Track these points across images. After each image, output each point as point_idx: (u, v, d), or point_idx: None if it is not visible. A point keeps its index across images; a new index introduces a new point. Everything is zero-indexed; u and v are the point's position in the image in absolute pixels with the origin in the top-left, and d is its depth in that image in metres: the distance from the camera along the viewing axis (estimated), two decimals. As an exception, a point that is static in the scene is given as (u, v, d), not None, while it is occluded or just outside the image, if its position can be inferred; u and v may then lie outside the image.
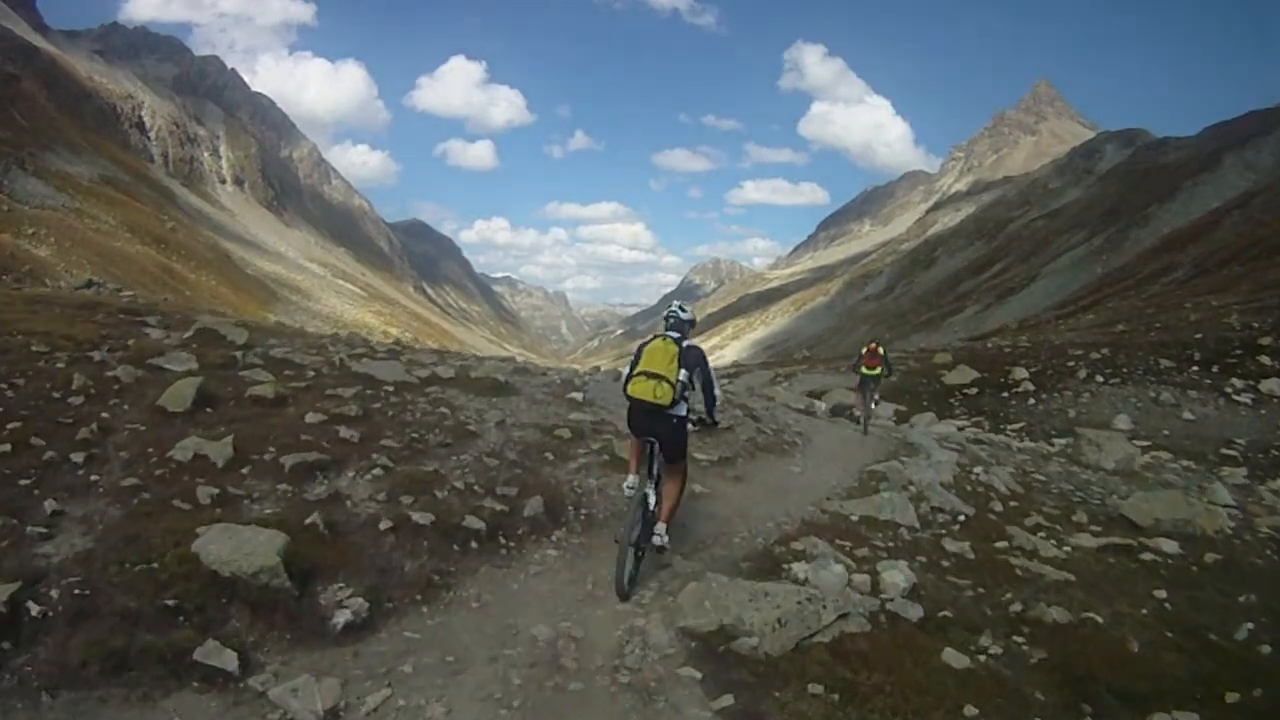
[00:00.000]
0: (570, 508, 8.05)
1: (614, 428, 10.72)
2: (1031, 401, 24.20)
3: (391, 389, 10.56)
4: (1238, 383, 22.44)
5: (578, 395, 12.35)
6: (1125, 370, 25.02)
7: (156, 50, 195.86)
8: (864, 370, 18.01)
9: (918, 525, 8.83)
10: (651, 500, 6.88)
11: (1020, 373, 26.35)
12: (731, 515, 8.78)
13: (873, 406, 18.22)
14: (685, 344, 6.88)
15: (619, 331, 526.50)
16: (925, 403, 25.56)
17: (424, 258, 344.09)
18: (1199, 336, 27.39)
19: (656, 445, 6.94)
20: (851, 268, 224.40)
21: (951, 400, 25.67)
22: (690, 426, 7.11)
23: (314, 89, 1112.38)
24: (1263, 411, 20.86)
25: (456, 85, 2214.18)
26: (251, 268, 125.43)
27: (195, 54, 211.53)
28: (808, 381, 29.94)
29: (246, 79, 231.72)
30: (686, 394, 6.88)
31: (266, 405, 9.07)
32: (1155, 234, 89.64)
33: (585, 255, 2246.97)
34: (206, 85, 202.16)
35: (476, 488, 7.78)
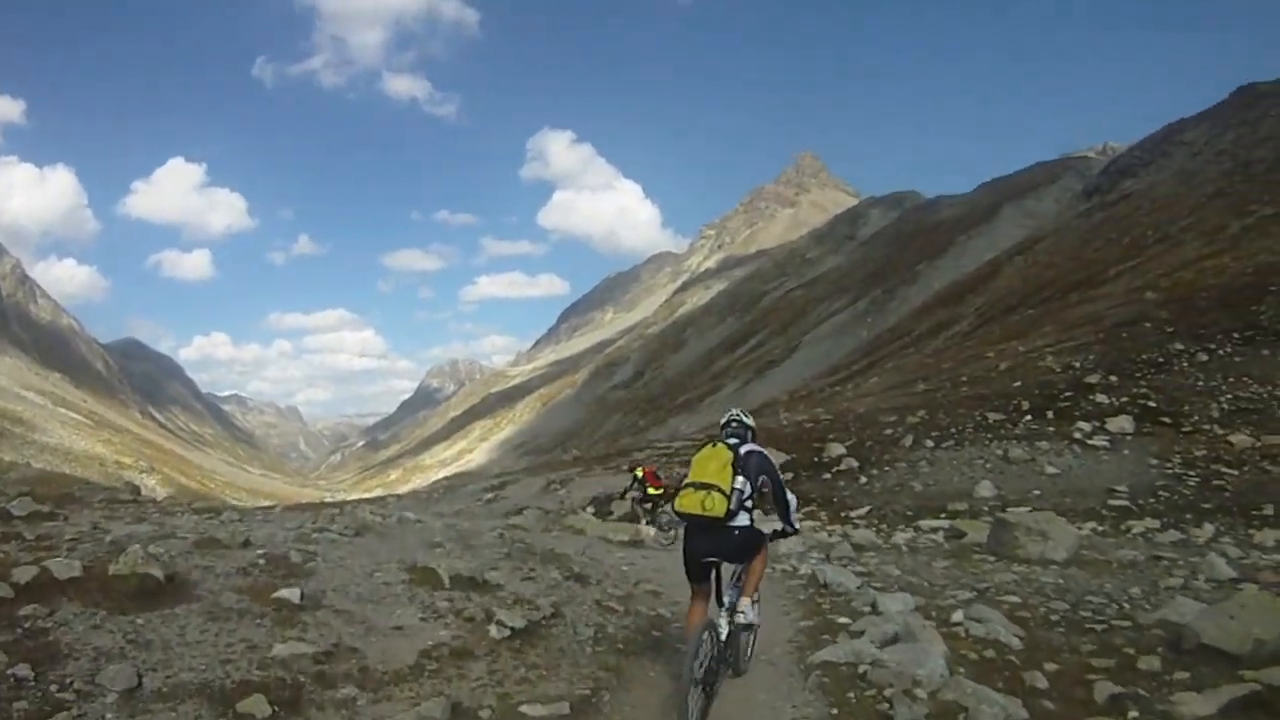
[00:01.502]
0: None
1: (363, 663, 6.51)
2: (863, 480, 22.83)
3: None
4: (1085, 426, 22.11)
5: (293, 591, 7.53)
6: (954, 431, 24.37)
7: None
8: (650, 491, 19.61)
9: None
10: (723, 631, 6.55)
11: (836, 448, 25.20)
12: None
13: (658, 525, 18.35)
14: (744, 449, 6.63)
15: (360, 443, 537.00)
16: (736, 499, 23.84)
17: (145, 379, 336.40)
18: (1018, 384, 27.53)
19: (719, 569, 6.73)
20: (597, 357, 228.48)
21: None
22: (771, 540, 6.92)
23: (19, 197, 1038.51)
24: (1125, 452, 20.61)
25: (174, 190, 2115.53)
26: None
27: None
28: (587, 486, 28.28)
29: None
30: (748, 504, 6.50)
31: None
32: (926, 291, 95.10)
33: (313, 366, 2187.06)
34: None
35: None
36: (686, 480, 6.51)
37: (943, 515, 17.80)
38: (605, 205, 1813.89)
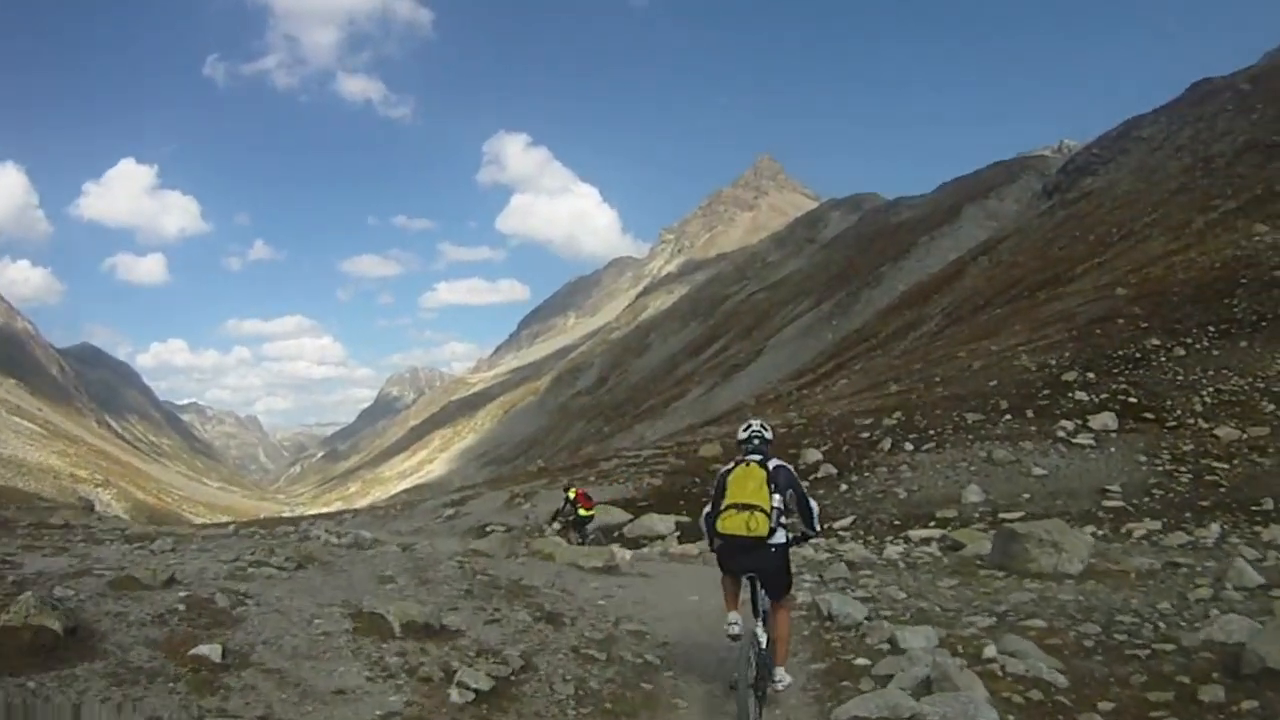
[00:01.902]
0: None
1: None
2: (843, 488, 21.91)
3: None
4: (1068, 424, 21.45)
5: (214, 648, 6.11)
6: (933, 433, 23.62)
7: None
8: (581, 512, 20.22)
9: None
10: (762, 639, 6.74)
11: (812, 454, 24.43)
12: None
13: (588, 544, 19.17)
14: (773, 465, 6.83)
15: (319, 455, 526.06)
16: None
17: (102, 386, 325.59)
18: (994, 384, 26.92)
19: (758, 581, 6.88)
20: (559, 363, 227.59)
21: None
22: (793, 547, 7.03)
23: None
24: (1112, 450, 20.01)
25: (125, 192, 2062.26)
26: None
27: None
28: (553, 499, 26.93)
29: None
30: (784, 520, 6.78)
31: None
32: (890, 292, 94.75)
33: (272, 374, 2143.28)
34: None
35: None
36: (727, 502, 6.63)
37: (932, 523, 17.02)
38: (563, 209, 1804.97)
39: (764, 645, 6.67)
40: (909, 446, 22.93)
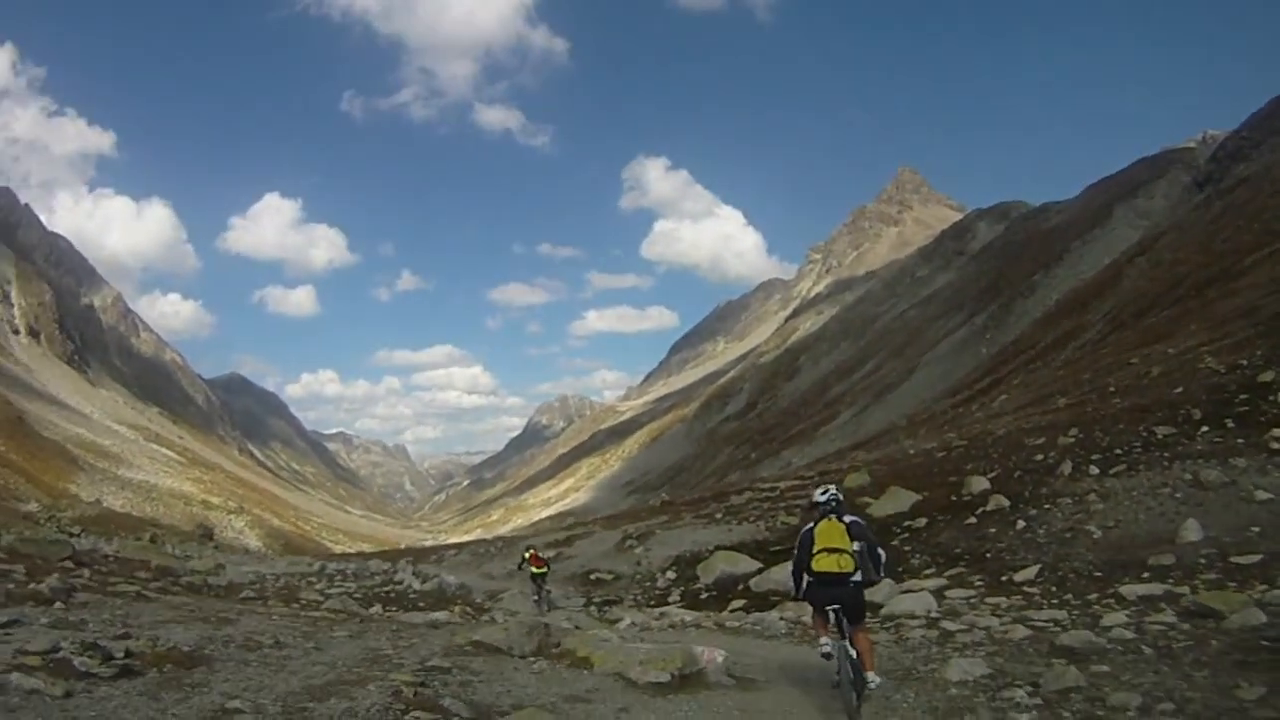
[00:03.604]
0: None
1: None
2: (1020, 524, 17.50)
3: None
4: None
5: None
6: (1119, 452, 19.57)
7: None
8: (533, 570, 22.93)
9: None
10: (853, 652, 8.02)
11: (979, 482, 20.68)
12: None
13: (543, 598, 22.52)
14: (848, 519, 8.39)
15: (465, 482, 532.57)
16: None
17: (247, 415, 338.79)
18: (1179, 391, 23.27)
19: (840, 610, 8.13)
20: (707, 389, 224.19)
21: (893, 543, 19.05)
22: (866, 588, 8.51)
23: (117, 230, 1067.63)
24: None
25: (271, 225, 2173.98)
26: (50, 430, 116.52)
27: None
28: (670, 542, 24.63)
29: (43, 217, 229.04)
30: (861, 562, 8.20)
31: None
32: (1045, 301, 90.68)
33: (422, 404, 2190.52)
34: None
35: None
36: (818, 547, 8.17)
37: (1146, 574, 12.86)
38: (707, 233, 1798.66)
39: (855, 655, 7.92)
40: (1094, 470, 18.86)
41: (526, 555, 23.73)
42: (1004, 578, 14.62)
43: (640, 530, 28.63)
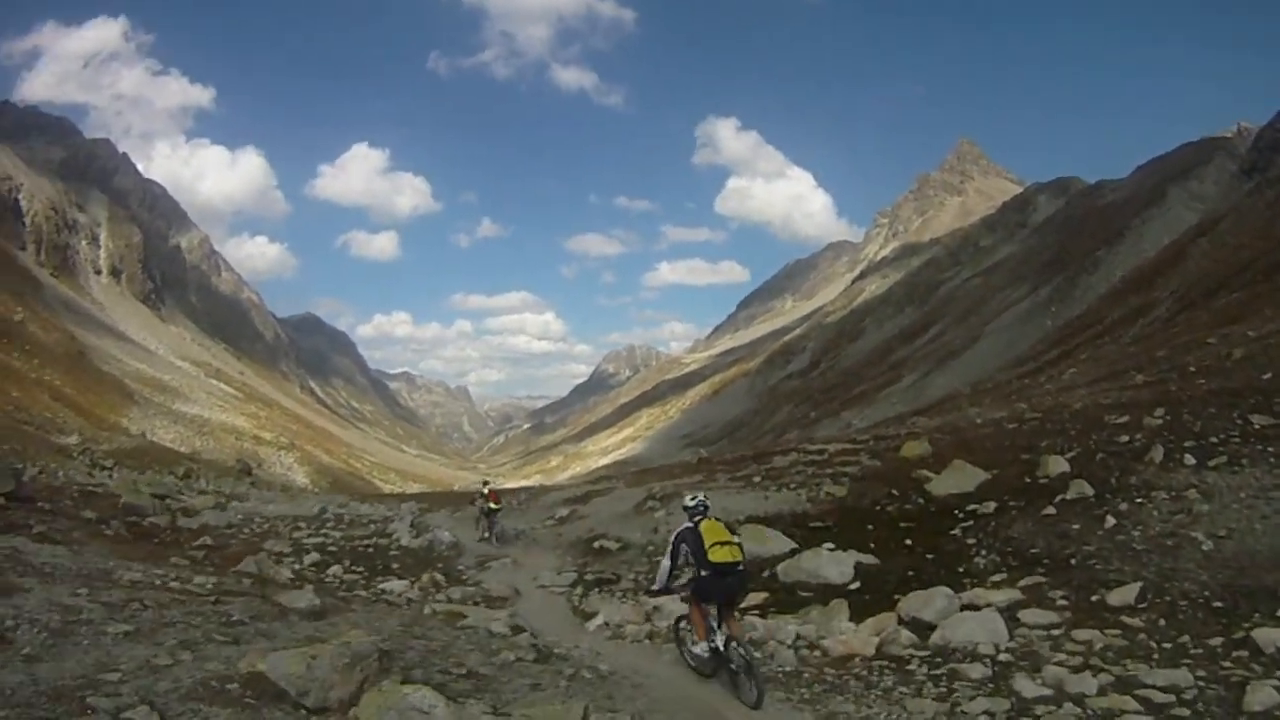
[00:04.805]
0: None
1: None
2: (1109, 522, 13.76)
3: None
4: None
5: None
6: (1216, 442, 16.18)
7: (46, 132, 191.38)
8: (490, 506, 24.44)
9: None
10: (719, 640, 8.76)
11: (1057, 463, 17.34)
12: None
13: (493, 534, 24.21)
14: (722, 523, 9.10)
15: (525, 426, 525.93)
16: (904, 547, 15.65)
17: (314, 354, 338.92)
18: (1268, 377, 20.51)
19: (724, 604, 8.91)
20: (772, 345, 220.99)
21: (953, 533, 15.62)
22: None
23: (211, 177, 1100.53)
24: None
25: (359, 173, 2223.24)
26: (111, 364, 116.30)
27: (86, 137, 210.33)
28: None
29: (140, 165, 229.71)
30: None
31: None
32: (1108, 277, 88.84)
33: (491, 347, 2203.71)
34: (95, 170, 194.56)
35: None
36: (711, 540, 8.65)
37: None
38: (778, 193, 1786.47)
39: (738, 643, 8.63)
40: (1190, 460, 15.50)
41: (485, 491, 25.36)
42: (1095, 597, 11.35)
43: (666, 491, 25.14)
